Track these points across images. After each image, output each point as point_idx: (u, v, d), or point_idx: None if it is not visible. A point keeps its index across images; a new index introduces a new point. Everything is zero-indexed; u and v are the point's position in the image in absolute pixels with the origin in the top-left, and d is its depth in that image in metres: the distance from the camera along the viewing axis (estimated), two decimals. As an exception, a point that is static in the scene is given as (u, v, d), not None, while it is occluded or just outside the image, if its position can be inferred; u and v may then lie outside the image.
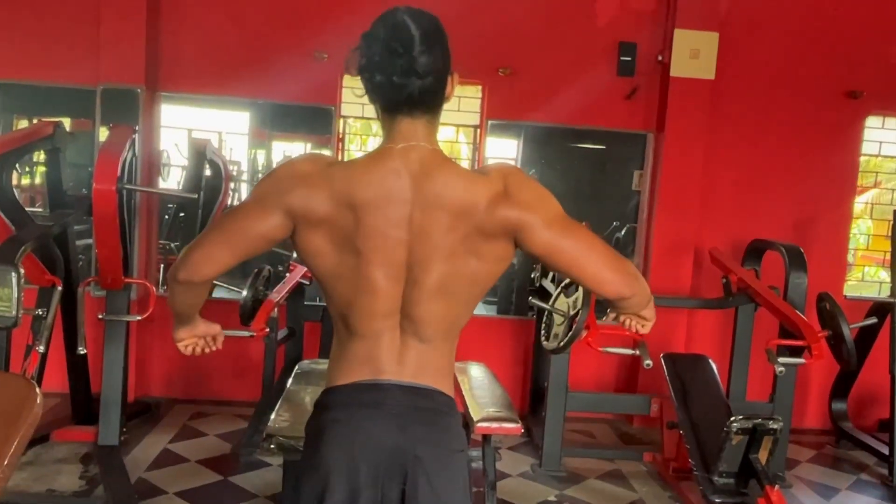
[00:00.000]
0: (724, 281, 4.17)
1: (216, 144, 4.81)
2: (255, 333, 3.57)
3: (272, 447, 2.56)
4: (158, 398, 4.60)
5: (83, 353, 3.68)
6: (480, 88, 4.70)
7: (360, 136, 5.06)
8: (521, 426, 2.94)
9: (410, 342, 1.44)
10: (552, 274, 4.03)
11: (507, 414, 2.96)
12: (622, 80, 4.66)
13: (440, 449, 1.43)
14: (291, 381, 3.17)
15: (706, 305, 4.53)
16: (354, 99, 4.37)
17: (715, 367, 3.90)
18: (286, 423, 2.66)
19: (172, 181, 4.86)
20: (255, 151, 5.29)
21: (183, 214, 4.98)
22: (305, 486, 1.43)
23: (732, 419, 3.12)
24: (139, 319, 3.91)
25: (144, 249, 4.52)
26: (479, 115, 4.72)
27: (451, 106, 1.49)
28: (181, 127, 4.83)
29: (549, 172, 5.12)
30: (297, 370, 3.32)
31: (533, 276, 4.39)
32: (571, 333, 3.21)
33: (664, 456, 4.00)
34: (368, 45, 1.37)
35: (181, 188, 4.67)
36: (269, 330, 3.68)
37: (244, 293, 3.58)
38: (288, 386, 3.11)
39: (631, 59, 4.61)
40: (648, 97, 4.71)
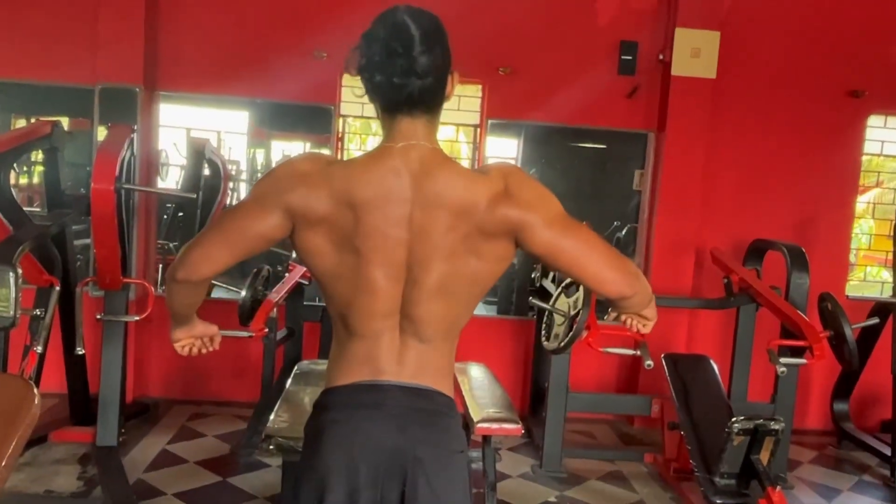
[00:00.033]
0: (725, 281, 4.16)
1: (215, 144, 4.82)
2: (253, 334, 3.57)
3: (271, 448, 2.55)
4: (157, 399, 4.59)
5: (81, 353, 3.68)
6: (480, 87, 4.68)
7: (359, 135, 5.05)
8: (521, 427, 2.94)
9: (410, 342, 1.44)
10: (553, 274, 4.02)
11: (507, 415, 2.95)
12: (623, 78, 4.65)
13: (440, 450, 1.43)
14: (290, 381, 3.16)
15: (707, 305, 4.52)
16: (354, 98, 4.36)
17: (716, 367, 3.89)
18: (285, 423, 2.65)
19: (171, 181, 4.85)
20: (254, 151, 5.29)
21: (182, 214, 4.98)
22: (305, 487, 1.42)
23: (734, 420, 3.11)
24: (137, 320, 3.91)
25: (143, 249, 4.51)
26: (479, 114, 4.70)
27: (450, 105, 1.48)
28: (180, 126, 4.83)
29: (549, 172, 5.12)
30: (296, 371, 3.32)
31: (533, 276, 4.39)
32: (572, 334, 3.21)
33: (665, 457, 3.98)
34: (368, 44, 1.36)
35: (180, 188, 4.69)
36: (268, 330, 3.67)
37: (243, 293, 3.58)
38: (287, 386, 3.10)
39: (632, 57, 4.60)
40: (649, 96, 4.69)
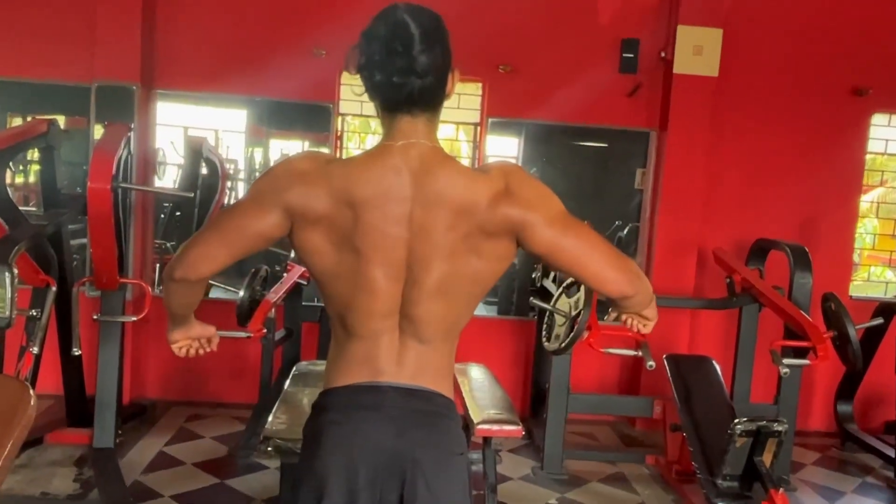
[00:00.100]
0: (727, 281, 4.15)
1: (213, 142, 4.82)
2: (252, 334, 3.57)
3: (269, 450, 2.54)
4: (154, 400, 4.57)
5: (78, 354, 3.68)
6: (481, 86, 4.66)
7: (358, 133, 5.03)
8: (521, 428, 2.94)
9: (410, 343, 1.43)
10: (553, 274, 4.01)
11: (507, 416, 2.96)
12: (624, 77, 4.63)
13: (439, 452, 1.42)
14: (289, 382, 3.16)
15: (710, 306, 4.51)
16: (353, 96, 4.36)
17: (718, 368, 3.88)
18: (283, 425, 2.65)
19: (168, 180, 4.85)
20: (252, 149, 5.27)
21: (179, 213, 4.98)
22: (303, 488, 1.41)
23: (736, 421, 3.11)
24: (134, 320, 3.90)
25: (140, 249, 4.50)
26: (479, 112, 4.68)
27: (451, 103, 1.48)
28: (177, 125, 4.81)
29: (550, 171, 5.10)
30: (294, 371, 3.32)
31: (534, 276, 4.37)
32: (573, 334, 3.19)
33: (667, 459, 3.97)
34: (368, 43, 1.36)
35: (177, 187, 4.70)
36: (266, 331, 3.67)
37: (241, 293, 3.59)
38: (285, 387, 3.10)
39: (633, 55, 4.58)
40: (651, 94, 4.68)
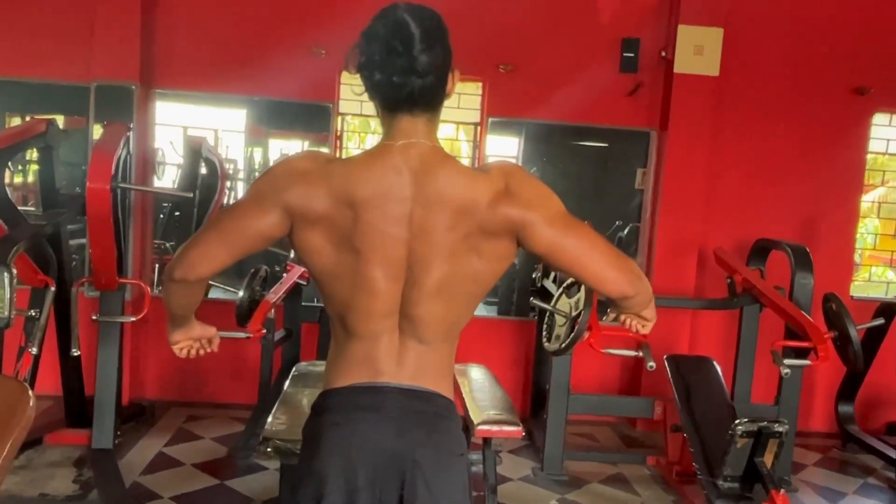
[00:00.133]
0: (728, 281, 4.14)
1: (212, 142, 4.80)
2: (251, 335, 3.56)
3: (269, 451, 2.54)
4: (153, 401, 4.55)
5: (77, 354, 3.67)
6: (481, 85, 4.65)
7: (358, 133, 5.02)
8: (522, 429, 2.95)
9: (409, 343, 1.43)
10: (554, 274, 4.00)
11: (507, 417, 2.96)
12: (625, 76, 4.62)
13: (439, 453, 1.42)
14: (288, 383, 3.16)
15: (710, 306, 4.50)
16: (353, 96, 4.32)
17: (719, 368, 3.88)
18: (283, 426, 2.64)
19: (168, 180, 4.84)
20: (251, 149, 5.26)
21: (178, 213, 4.97)
22: (302, 490, 1.41)
23: (737, 422, 3.11)
24: (133, 320, 3.89)
25: (139, 249, 4.49)
26: (479, 112, 4.67)
27: (451, 103, 1.48)
28: (176, 124, 4.80)
29: (550, 170, 5.10)
30: (294, 372, 3.32)
31: (534, 276, 4.36)
32: (573, 335, 3.18)
33: (668, 459, 3.96)
34: (368, 43, 1.35)
35: (176, 187, 4.69)
36: (265, 331, 3.66)
37: (240, 294, 3.58)
38: (285, 388, 3.10)
39: (634, 55, 4.57)
40: (652, 94, 4.67)
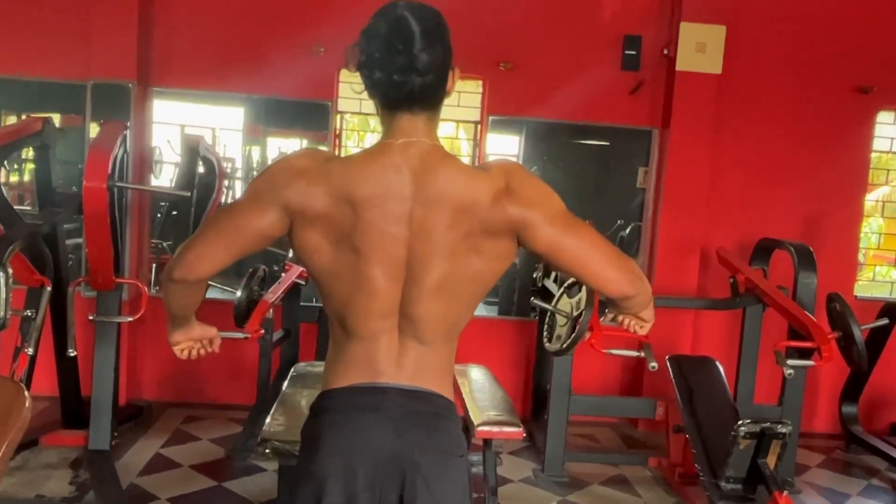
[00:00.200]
0: (731, 281, 4.14)
1: (210, 141, 4.79)
2: (249, 335, 3.54)
3: (267, 452, 2.54)
4: (150, 401, 4.54)
5: (73, 355, 3.65)
6: (481, 83, 4.64)
7: (357, 131, 5.00)
8: (522, 430, 2.95)
9: (409, 343, 1.42)
10: (555, 274, 3.99)
11: (508, 418, 2.96)
12: (627, 74, 4.60)
13: (439, 454, 1.41)
14: (287, 383, 3.16)
15: (713, 306, 4.50)
16: (352, 94, 4.29)
17: (722, 369, 3.87)
18: (281, 427, 2.64)
19: (165, 178, 4.84)
20: (249, 148, 5.26)
21: (176, 213, 4.98)
22: (301, 491, 1.40)
23: (740, 423, 3.10)
24: (130, 320, 3.89)
25: (136, 249, 4.48)
26: (479, 110, 4.66)
27: (451, 101, 1.48)
28: (174, 123, 4.80)
29: (551, 169, 5.09)
30: (292, 373, 3.32)
31: (535, 276, 4.36)
32: (574, 335, 3.17)
33: (670, 461, 3.95)
34: (368, 41, 1.35)
35: (174, 186, 4.70)
36: (264, 331, 3.65)
37: (239, 294, 3.57)
38: (283, 389, 3.10)
39: (636, 53, 4.56)
40: (654, 92, 4.65)
